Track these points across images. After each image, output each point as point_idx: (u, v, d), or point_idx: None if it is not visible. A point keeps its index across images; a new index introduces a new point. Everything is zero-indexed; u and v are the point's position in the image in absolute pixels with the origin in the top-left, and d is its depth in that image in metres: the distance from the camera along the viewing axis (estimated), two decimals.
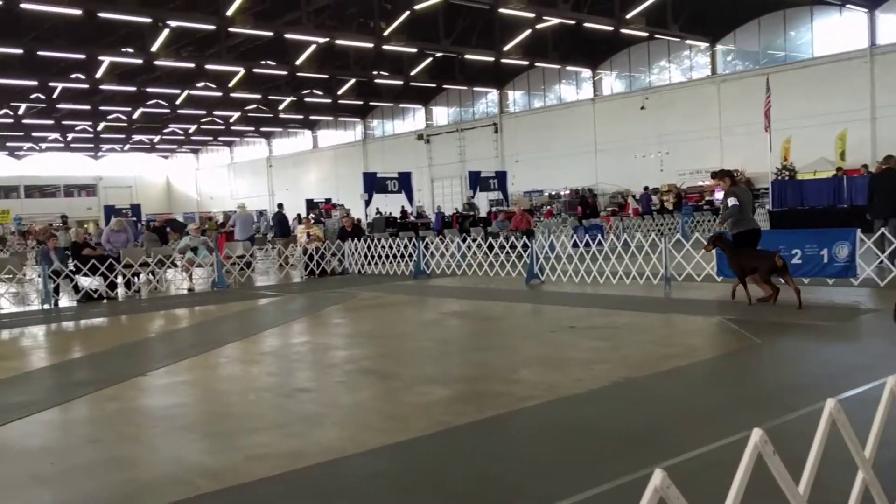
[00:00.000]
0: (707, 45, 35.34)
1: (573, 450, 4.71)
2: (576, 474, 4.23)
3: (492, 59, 35.73)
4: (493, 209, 30.32)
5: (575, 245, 15.77)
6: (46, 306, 14.24)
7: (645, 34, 32.82)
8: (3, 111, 45.05)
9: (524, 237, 13.45)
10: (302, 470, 4.52)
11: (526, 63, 37.84)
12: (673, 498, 1.85)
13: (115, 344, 10.02)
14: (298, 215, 31.95)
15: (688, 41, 35.00)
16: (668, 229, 24.27)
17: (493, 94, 45.46)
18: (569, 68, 40.26)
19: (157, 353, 9.50)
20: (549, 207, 36.03)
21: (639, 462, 4.22)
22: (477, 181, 26.79)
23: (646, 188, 30.51)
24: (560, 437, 5.04)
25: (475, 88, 45.01)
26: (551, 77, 42.32)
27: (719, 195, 18.99)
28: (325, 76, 39.19)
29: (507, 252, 16.07)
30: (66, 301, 15.03)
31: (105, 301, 14.91)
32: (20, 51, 31.07)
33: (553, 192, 39.18)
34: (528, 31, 33.38)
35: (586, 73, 40.56)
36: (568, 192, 37.75)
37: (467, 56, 36.09)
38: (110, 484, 4.49)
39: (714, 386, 6.42)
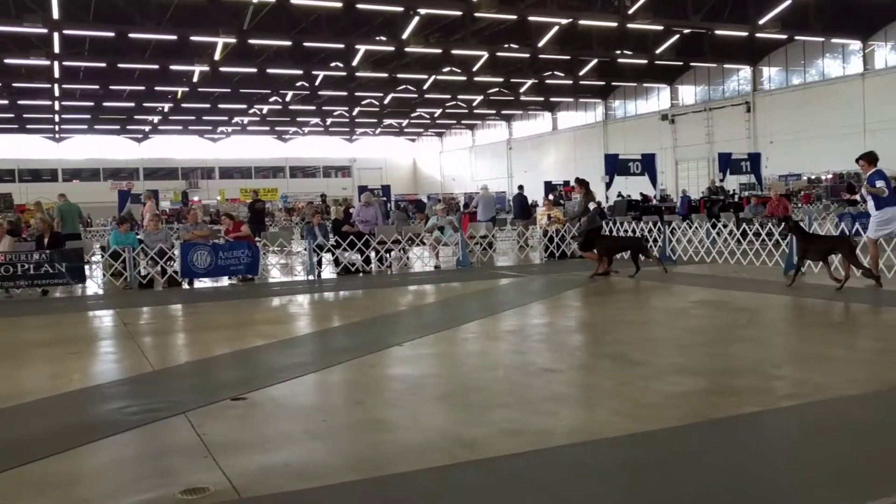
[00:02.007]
0: None
1: (848, 456, 4.28)
2: (854, 482, 3.85)
3: (745, 33, 33.47)
4: (746, 193, 28.52)
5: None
6: (311, 277, 15.56)
7: None
8: (273, 98, 49.73)
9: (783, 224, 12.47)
10: (555, 449, 4.53)
11: (784, 37, 35.01)
12: None
13: (371, 315, 10.69)
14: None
15: None
16: None
17: (746, 71, 42.63)
18: (834, 41, 36.68)
19: (409, 325, 10.00)
20: (806, 192, 33.21)
21: None
22: (727, 163, 25.28)
23: None
24: (831, 441, 4.62)
25: (725, 65, 42.47)
26: (813, 51, 38.81)
27: None
28: (567, 57, 38.93)
29: (763, 239, 15.03)
30: (327, 273, 16.31)
31: (361, 275, 15.98)
32: (289, 43, 34.10)
33: (812, 176, 36.03)
34: (788, 2, 30.84)
35: (855, 45, 36.69)
36: (830, 175, 34.52)
37: (718, 31, 34.11)
38: (375, 444, 4.79)
39: None
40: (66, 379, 6.94)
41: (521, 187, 24.99)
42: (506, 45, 36.49)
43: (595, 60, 40.83)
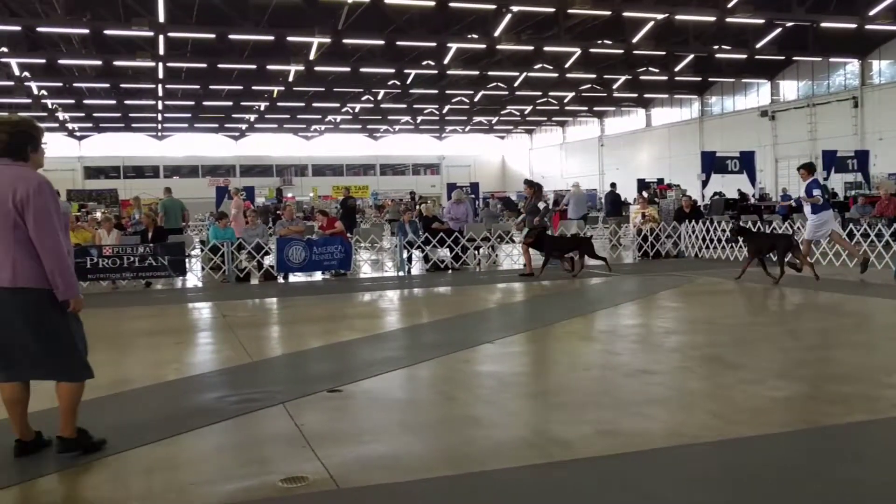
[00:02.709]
0: None
1: None
2: None
3: (853, 25, 31.91)
4: (852, 193, 27.21)
5: None
6: (401, 273, 15.72)
7: None
8: (365, 97, 50.48)
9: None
10: (652, 451, 4.42)
11: None
12: None
13: (460, 312, 10.71)
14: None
15: None
16: None
17: (854, 65, 40.62)
18: None
19: (498, 323, 9.96)
20: None
21: None
22: (832, 161, 24.15)
23: None
24: None
25: (831, 59, 40.61)
26: None
27: None
28: (662, 53, 38.03)
29: (872, 240, 14.30)
30: (416, 269, 16.44)
31: (450, 272, 16.03)
32: (382, 42, 34.55)
33: None
34: None
35: None
36: None
37: (823, 24, 32.65)
38: (469, 439, 4.78)
39: None
40: (170, 367, 7.21)
41: (613, 185, 24.57)
42: (599, 42, 35.95)
43: (691, 56, 39.75)
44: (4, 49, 32.64)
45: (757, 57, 37.80)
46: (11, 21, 29.85)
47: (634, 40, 33.57)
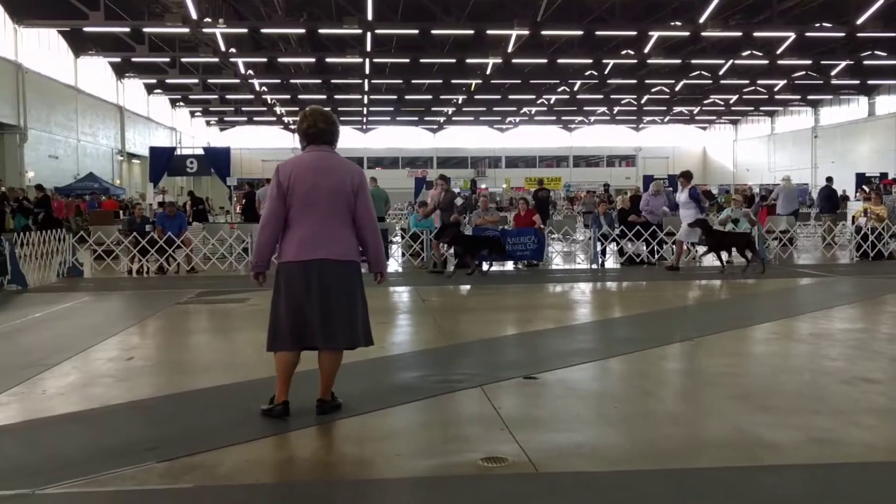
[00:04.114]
0: None
1: None
2: None
3: None
4: None
5: None
6: (594, 266, 15.55)
7: None
8: (561, 88, 50.23)
9: None
10: (880, 465, 4.12)
11: None
12: None
13: (656, 308, 10.43)
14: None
15: None
16: None
17: None
18: None
19: (698, 321, 9.58)
20: None
21: None
22: None
23: None
24: None
25: None
26: None
27: None
28: (891, 34, 34.69)
29: None
30: (610, 263, 16.19)
31: (645, 266, 15.64)
32: (580, 32, 34.22)
33: None
34: None
35: None
36: None
37: None
38: (669, 435, 4.68)
39: None
40: (378, 345, 7.60)
41: (829, 179, 22.80)
42: (817, 24, 33.42)
43: None
44: (233, 50, 35.70)
45: None
46: (239, 24, 32.59)
47: (859, 21, 30.86)
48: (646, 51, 35.67)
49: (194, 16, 29.19)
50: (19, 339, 8.40)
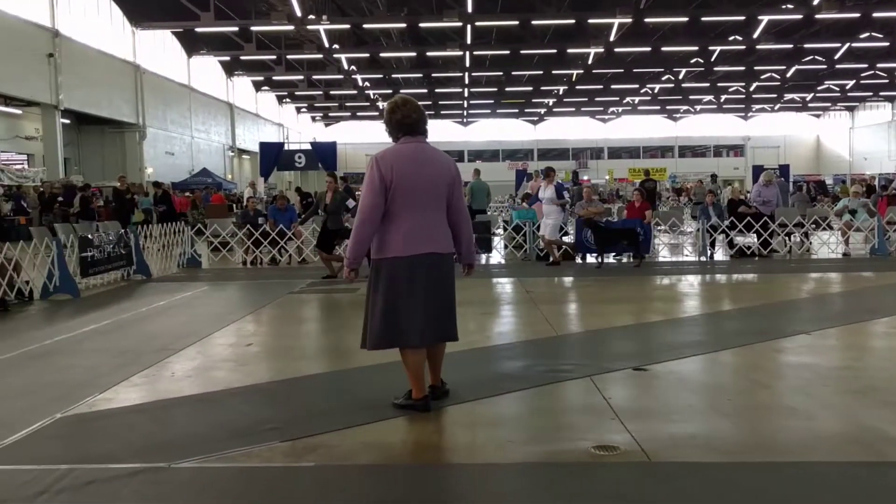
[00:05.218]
0: None
1: None
2: None
3: None
4: None
5: None
6: (702, 258, 15.17)
7: None
8: (665, 77, 49.03)
9: None
10: None
11: None
12: None
13: (768, 301, 10.10)
14: None
15: None
16: None
17: None
18: None
19: (813, 314, 9.24)
20: None
21: None
22: None
23: None
24: None
25: None
26: None
27: None
28: None
29: None
30: (719, 255, 15.75)
31: (756, 259, 15.15)
32: (685, 19, 33.30)
33: None
34: None
35: None
36: None
37: None
38: (786, 428, 4.58)
39: None
40: (480, 335, 7.73)
41: None
42: None
43: None
44: (336, 46, 36.56)
45: None
46: (342, 20, 33.35)
47: None
48: (755, 36, 34.41)
49: (299, 13, 30.09)
50: (146, 325, 8.94)
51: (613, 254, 15.18)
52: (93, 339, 7.95)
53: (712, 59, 42.04)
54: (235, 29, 36.64)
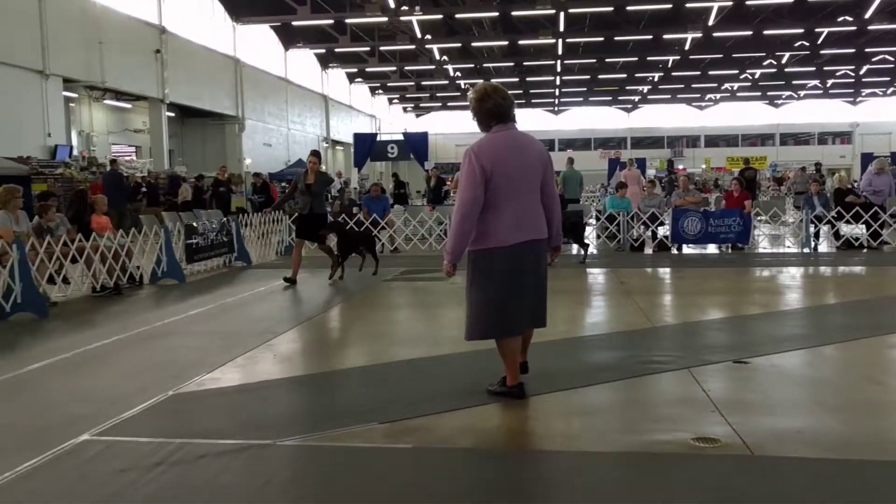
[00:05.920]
0: None
1: None
2: None
3: None
4: None
5: None
6: (806, 250, 14.59)
7: None
8: (767, 61, 47.15)
9: None
10: None
11: None
12: None
13: (879, 293, 9.65)
14: None
15: None
16: None
17: None
18: None
19: None
20: None
21: None
22: None
23: None
24: None
25: None
26: None
27: None
28: None
29: None
30: (824, 247, 15.13)
31: (865, 250, 14.47)
32: (790, 0, 31.95)
33: None
34: None
35: None
36: None
37: None
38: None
39: None
40: (574, 325, 7.68)
41: None
42: None
43: None
44: (428, 36, 36.78)
45: None
46: (434, 10, 33.49)
47: None
48: (867, 16, 32.68)
49: (392, 5, 30.39)
50: (249, 309, 9.27)
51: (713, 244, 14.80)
52: (199, 322, 8.31)
53: (819, 42, 40.18)
54: (331, 22, 37.32)
